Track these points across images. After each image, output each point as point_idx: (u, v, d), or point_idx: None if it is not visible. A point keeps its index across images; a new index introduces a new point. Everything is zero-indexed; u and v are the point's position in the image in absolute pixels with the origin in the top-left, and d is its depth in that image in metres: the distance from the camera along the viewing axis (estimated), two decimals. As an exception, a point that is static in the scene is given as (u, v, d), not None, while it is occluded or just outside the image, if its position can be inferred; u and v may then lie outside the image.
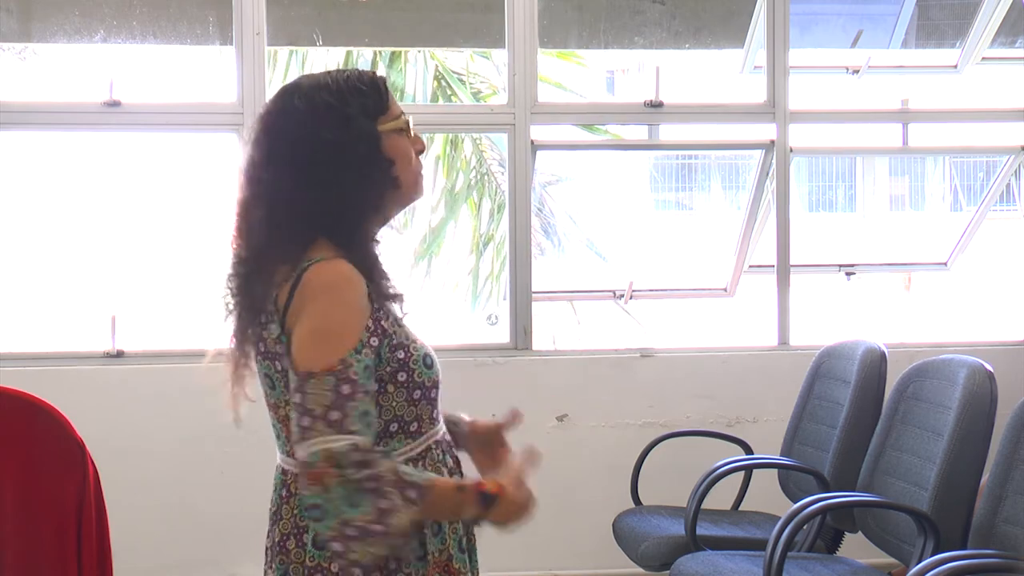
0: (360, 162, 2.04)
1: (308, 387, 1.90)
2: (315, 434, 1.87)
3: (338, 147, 2.03)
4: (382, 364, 2.00)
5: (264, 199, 2.05)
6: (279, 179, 2.04)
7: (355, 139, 2.04)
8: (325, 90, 2.06)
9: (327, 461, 1.85)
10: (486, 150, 8.12)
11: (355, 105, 2.06)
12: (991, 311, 7.44)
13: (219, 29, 4.79)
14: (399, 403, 2.03)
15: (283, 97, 2.10)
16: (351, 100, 2.06)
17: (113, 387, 4.54)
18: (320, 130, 2.03)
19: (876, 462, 3.61)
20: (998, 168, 5.35)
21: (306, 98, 2.07)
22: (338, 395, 1.90)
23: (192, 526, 4.55)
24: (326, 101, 2.05)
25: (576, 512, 4.66)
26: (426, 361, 2.06)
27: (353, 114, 2.05)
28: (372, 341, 1.99)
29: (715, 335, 7.03)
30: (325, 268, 1.99)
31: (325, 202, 2.02)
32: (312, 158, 2.03)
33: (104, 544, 2.55)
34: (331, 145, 2.03)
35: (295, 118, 2.05)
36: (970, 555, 2.96)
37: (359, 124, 2.05)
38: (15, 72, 6.48)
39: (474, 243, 8.16)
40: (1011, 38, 5.34)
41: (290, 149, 2.04)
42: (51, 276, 8.10)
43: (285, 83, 2.17)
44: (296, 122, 2.05)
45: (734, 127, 5.12)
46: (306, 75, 2.17)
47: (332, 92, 2.06)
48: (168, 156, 7.29)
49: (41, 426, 2.48)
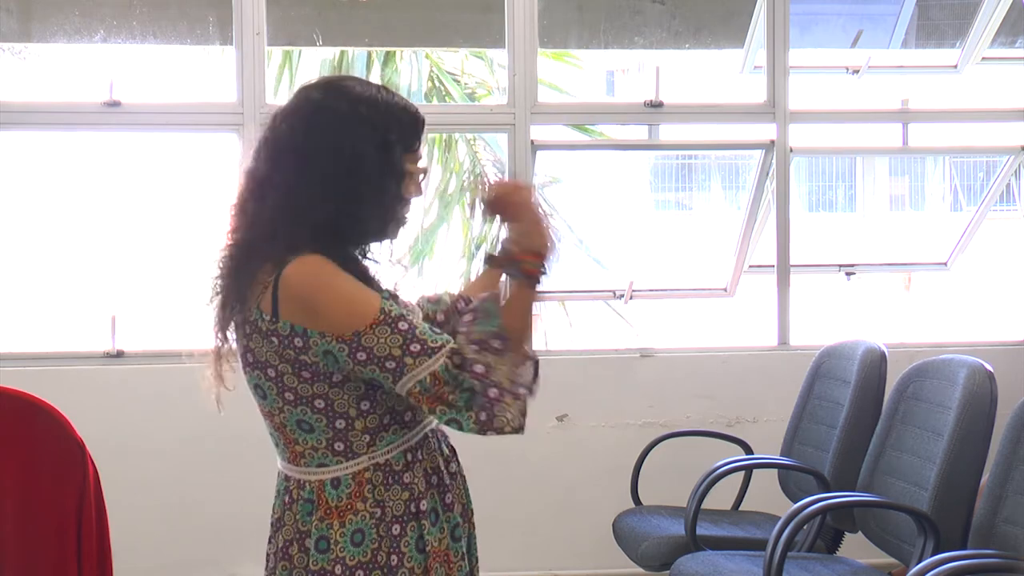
0: (386, 192, 2.06)
1: (364, 342, 1.95)
2: (410, 368, 1.95)
3: (373, 167, 2.04)
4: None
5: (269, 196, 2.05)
6: (293, 178, 2.03)
7: (390, 167, 2.06)
8: (372, 105, 2.06)
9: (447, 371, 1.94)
10: (479, 151, 8.11)
11: (396, 133, 2.07)
12: (991, 311, 7.44)
13: (219, 29, 4.79)
14: (391, 394, 2.04)
15: (325, 93, 2.09)
16: (394, 127, 2.07)
17: (113, 387, 4.54)
18: (360, 142, 2.03)
19: (876, 462, 3.61)
20: (998, 168, 5.35)
21: (351, 103, 2.05)
22: (402, 333, 1.96)
23: (192, 526, 4.55)
24: (372, 118, 2.05)
25: (576, 512, 4.66)
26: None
27: (394, 141, 2.06)
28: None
29: (715, 335, 7.03)
30: (304, 262, 2.00)
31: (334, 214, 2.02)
32: (341, 167, 2.02)
33: (104, 544, 2.55)
34: (368, 162, 2.03)
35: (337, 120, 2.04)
36: (970, 555, 2.96)
37: (396, 154, 2.06)
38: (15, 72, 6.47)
39: (466, 246, 8.16)
40: (1011, 38, 5.34)
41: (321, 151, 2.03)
42: (51, 276, 8.09)
43: (328, 78, 2.17)
44: (338, 124, 2.04)
45: (734, 127, 5.12)
46: (347, 77, 2.17)
47: (380, 110, 2.06)
48: (168, 156, 7.29)
49: (41, 426, 2.48)
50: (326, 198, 2.02)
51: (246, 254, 2.04)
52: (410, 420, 2.08)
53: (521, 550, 4.63)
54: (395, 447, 2.06)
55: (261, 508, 2.22)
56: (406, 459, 2.07)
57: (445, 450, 2.18)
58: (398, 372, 1.95)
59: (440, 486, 2.12)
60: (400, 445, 2.07)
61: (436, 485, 2.11)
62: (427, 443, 2.12)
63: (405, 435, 2.08)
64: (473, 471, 2.27)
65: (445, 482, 2.13)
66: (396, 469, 2.06)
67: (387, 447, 2.05)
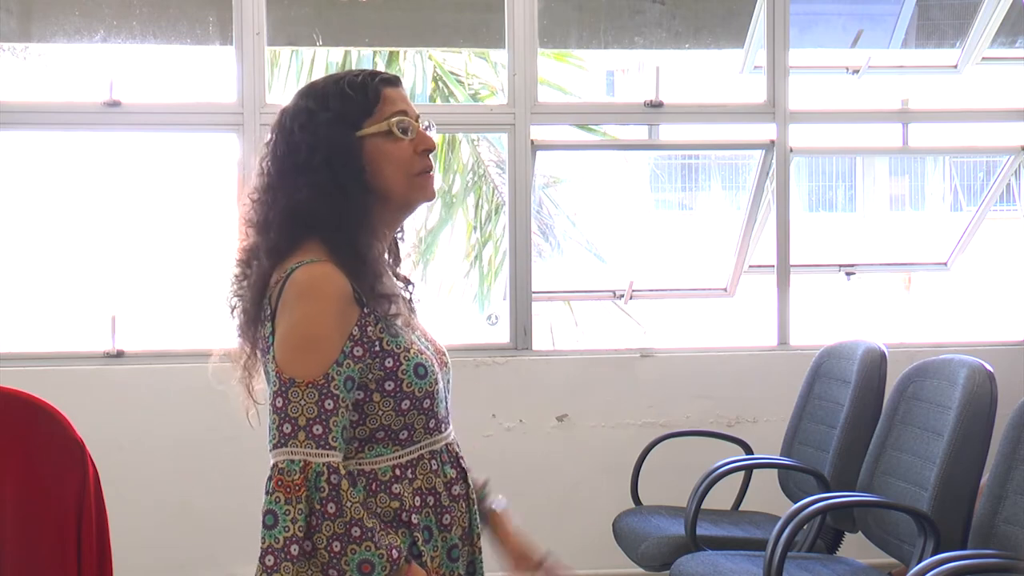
0: (324, 167, 2.03)
1: (291, 395, 1.92)
2: (296, 443, 1.90)
3: (307, 150, 2.04)
4: (366, 372, 1.99)
5: (262, 200, 2.08)
6: (275, 177, 2.07)
7: (316, 145, 2.04)
8: (310, 95, 2.09)
9: (303, 473, 1.88)
10: (483, 151, 8.12)
11: (333, 110, 2.05)
12: (991, 311, 7.44)
13: (219, 29, 4.79)
14: (386, 412, 2.00)
15: (294, 96, 2.13)
16: (331, 104, 2.06)
17: (113, 387, 4.54)
18: (293, 133, 2.06)
19: (876, 462, 3.61)
20: (998, 168, 5.35)
21: (300, 98, 2.10)
22: (322, 409, 1.92)
23: (192, 526, 4.55)
24: (307, 105, 2.07)
25: (576, 512, 4.66)
26: (418, 371, 2.02)
27: (323, 120, 2.05)
28: (355, 351, 1.97)
29: (715, 335, 7.04)
30: (309, 271, 1.98)
31: (308, 203, 2.02)
32: (288, 160, 2.05)
33: (104, 544, 2.54)
34: (300, 148, 2.04)
35: (293, 117, 2.08)
36: (970, 555, 2.96)
37: (324, 131, 2.04)
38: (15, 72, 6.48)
39: (470, 246, 8.17)
40: (1011, 38, 5.34)
41: (284, 148, 2.07)
42: (51, 276, 8.10)
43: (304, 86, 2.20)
44: (289, 121, 2.08)
45: (734, 127, 5.12)
46: (321, 77, 2.19)
47: (317, 96, 2.07)
48: (168, 156, 7.29)
49: (41, 426, 2.48)
50: (306, 184, 2.02)
51: (253, 260, 2.06)
52: (406, 439, 2.03)
53: (521, 550, 4.62)
54: (383, 460, 2.01)
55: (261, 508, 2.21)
56: (394, 473, 2.02)
57: (449, 472, 2.10)
58: (283, 439, 1.91)
59: (436, 507, 2.06)
60: (389, 460, 2.02)
61: (432, 505, 2.06)
62: (423, 463, 2.05)
63: (397, 452, 2.03)
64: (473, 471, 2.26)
65: (443, 503, 2.07)
66: (383, 480, 2.01)
67: (375, 458, 2.01)
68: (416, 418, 2.03)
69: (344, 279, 1.99)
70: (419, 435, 2.05)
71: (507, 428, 4.69)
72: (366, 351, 1.98)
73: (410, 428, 2.03)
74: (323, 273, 1.98)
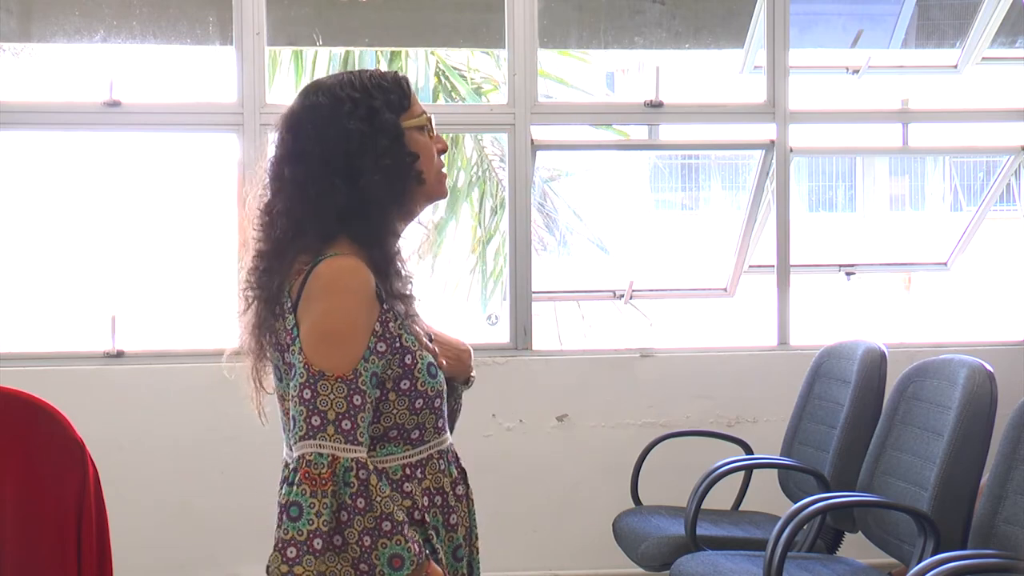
0: (385, 154, 2.04)
1: (320, 387, 1.92)
2: (325, 437, 1.90)
3: (363, 138, 2.03)
4: (386, 368, 2.00)
5: (286, 194, 2.06)
6: (303, 174, 2.04)
7: (379, 131, 2.05)
8: (348, 86, 2.08)
9: (330, 468, 1.88)
10: (487, 147, 8.11)
11: (379, 99, 2.07)
12: (991, 311, 7.43)
13: (219, 29, 4.79)
14: (400, 411, 2.02)
15: (306, 95, 2.11)
16: (375, 94, 2.07)
17: (113, 387, 4.54)
18: (345, 122, 2.03)
19: (876, 462, 3.61)
20: (998, 168, 5.35)
21: (329, 94, 2.07)
22: (351, 404, 1.92)
23: (192, 526, 4.55)
24: (350, 95, 2.06)
25: (576, 512, 4.67)
26: (430, 370, 2.04)
27: (378, 107, 2.06)
28: (379, 347, 1.99)
29: (715, 335, 7.03)
30: (337, 264, 1.99)
31: (348, 195, 2.02)
32: (337, 150, 2.03)
33: (104, 544, 2.54)
34: (356, 136, 2.03)
35: (319, 113, 2.06)
36: (970, 555, 2.96)
37: (384, 117, 2.06)
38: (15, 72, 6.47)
39: (475, 242, 8.16)
40: (1011, 38, 5.34)
41: (315, 144, 2.04)
42: (51, 276, 8.09)
43: (306, 83, 2.19)
44: (321, 116, 2.05)
45: (734, 127, 5.12)
46: (327, 75, 2.18)
47: (356, 87, 2.07)
48: (168, 156, 7.29)
49: (41, 426, 2.48)
50: (334, 181, 2.02)
51: (278, 254, 2.04)
52: (416, 439, 2.05)
53: (521, 550, 4.63)
54: (395, 459, 2.03)
55: (261, 508, 2.22)
56: (404, 472, 2.03)
57: (454, 471, 2.13)
58: (311, 432, 1.91)
59: (444, 506, 2.08)
60: (400, 459, 2.03)
61: (440, 505, 2.08)
62: (432, 463, 2.07)
63: (407, 451, 2.04)
64: (473, 471, 2.25)
65: (450, 503, 2.10)
66: (394, 478, 2.02)
67: (386, 457, 2.02)
68: (427, 417, 2.05)
69: (370, 274, 2.00)
70: (429, 435, 2.07)
71: (507, 428, 4.69)
72: (388, 347, 2.00)
73: (421, 428, 2.05)
74: (350, 267, 1.99)
